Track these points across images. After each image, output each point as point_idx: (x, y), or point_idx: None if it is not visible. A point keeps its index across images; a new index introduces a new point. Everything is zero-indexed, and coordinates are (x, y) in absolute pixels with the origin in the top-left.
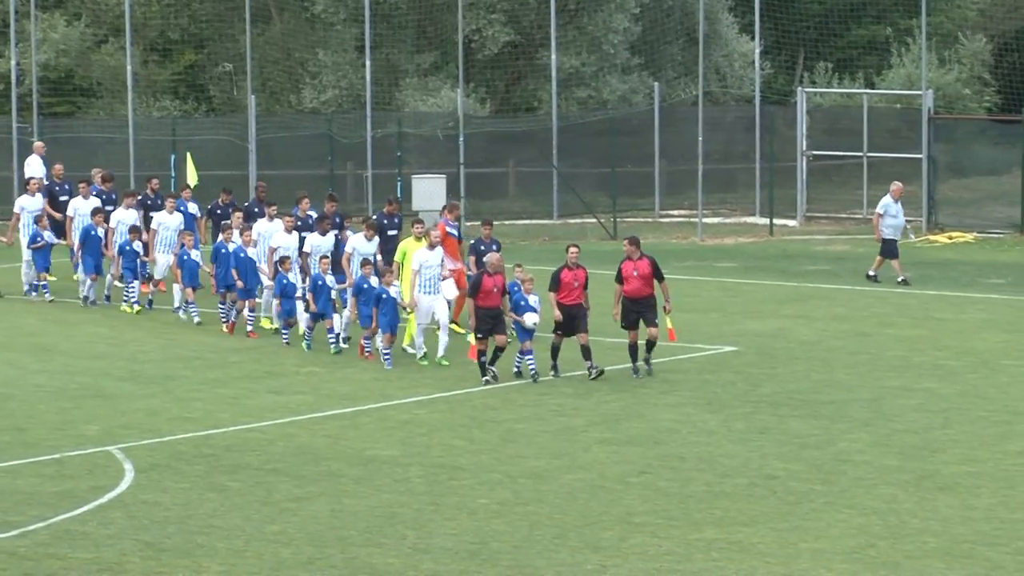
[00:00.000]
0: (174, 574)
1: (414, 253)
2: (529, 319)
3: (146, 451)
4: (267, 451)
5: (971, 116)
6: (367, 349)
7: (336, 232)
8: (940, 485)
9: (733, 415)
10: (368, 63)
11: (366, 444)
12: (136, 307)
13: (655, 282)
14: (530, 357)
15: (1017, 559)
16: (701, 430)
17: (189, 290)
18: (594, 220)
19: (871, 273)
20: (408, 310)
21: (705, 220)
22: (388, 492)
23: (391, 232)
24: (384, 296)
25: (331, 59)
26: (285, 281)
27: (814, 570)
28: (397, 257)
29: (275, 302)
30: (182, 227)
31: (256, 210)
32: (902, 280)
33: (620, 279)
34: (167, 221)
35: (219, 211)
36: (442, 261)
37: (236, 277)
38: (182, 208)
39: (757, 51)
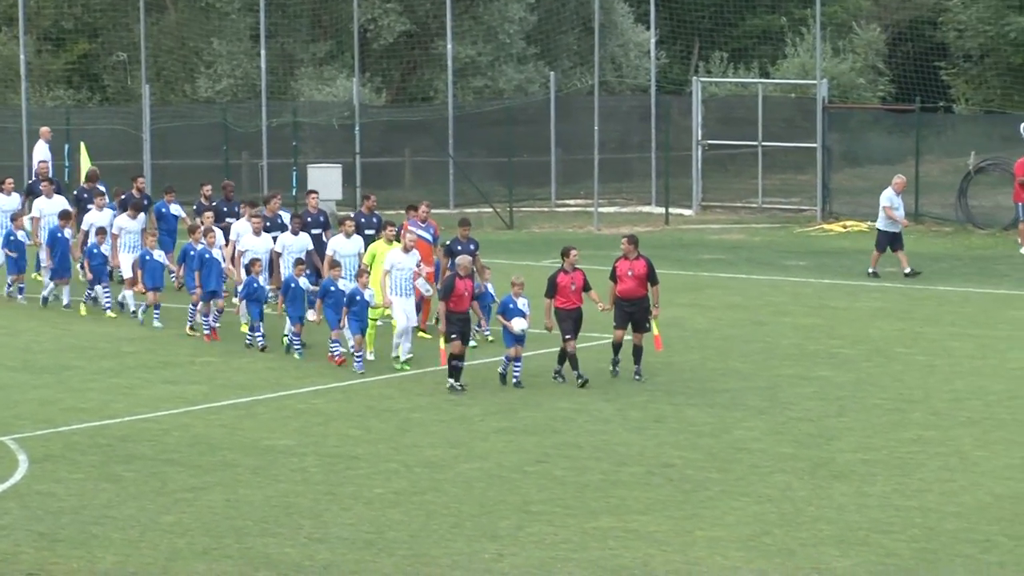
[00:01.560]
0: (68, 565)
1: (387, 254)
2: (517, 324)
3: (40, 442)
4: (162, 441)
5: (865, 105)
6: (335, 355)
7: (321, 231)
8: (835, 473)
9: (629, 404)
10: (263, 52)
11: (262, 434)
12: (110, 312)
13: (648, 284)
14: (518, 364)
15: (912, 546)
16: (597, 419)
17: (152, 294)
18: (490, 210)
19: (906, 271)
20: (385, 309)
21: (601, 209)
22: (284, 482)
23: (368, 231)
24: (358, 298)
25: (226, 48)
26: (256, 284)
27: (710, 558)
28: (366, 259)
29: (241, 304)
30: (144, 228)
31: (224, 209)
32: (872, 272)
33: (614, 277)
34: (128, 225)
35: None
36: (417, 264)
37: (196, 280)
38: (164, 209)
39: (652, 41)
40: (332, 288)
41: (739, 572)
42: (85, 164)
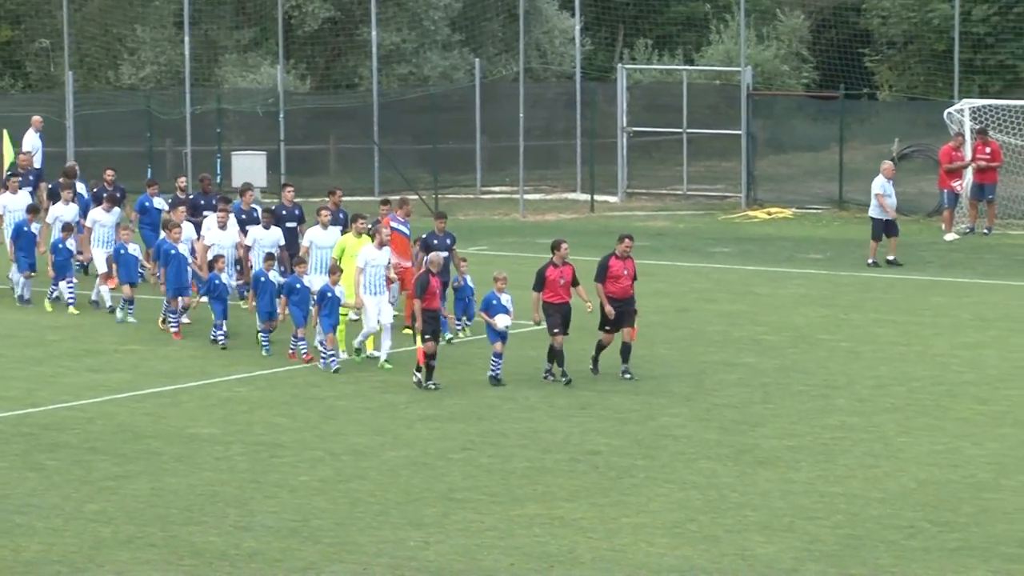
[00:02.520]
0: None
1: (360, 250)
2: (501, 321)
3: None
4: (86, 429)
5: (789, 92)
6: (303, 352)
7: (296, 225)
8: (760, 459)
9: (554, 391)
10: (187, 39)
11: (187, 422)
12: (72, 307)
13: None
14: (498, 361)
15: (836, 532)
16: (523, 406)
17: (127, 287)
18: (416, 197)
19: (889, 258)
20: (355, 310)
21: (527, 196)
22: (209, 470)
23: (289, 224)
24: (328, 295)
25: (149, 35)
26: (217, 281)
27: (635, 545)
28: (334, 253)
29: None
30: (118, 222)
31: (202, 202)
32: (872, 263)
33: (603, 277)
34: (102, 218)
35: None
36: (389, 261)
37: (162, 279)
38: (148, 203)
39: (577, 28)
40: (298, 285)
41: (664, 559)
42: (8, 152)
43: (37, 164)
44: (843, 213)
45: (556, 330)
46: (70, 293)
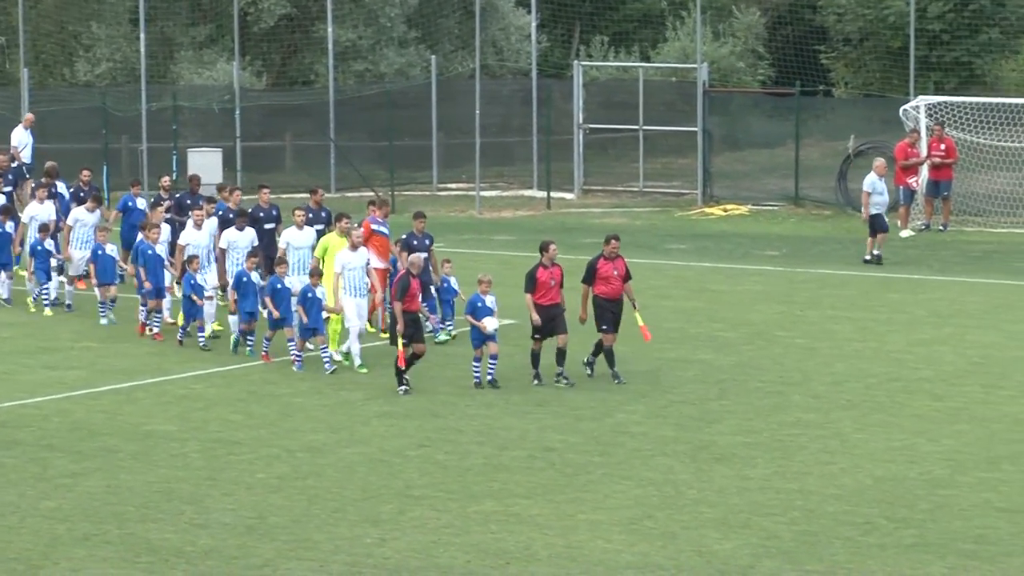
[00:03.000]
0: None
1: (336, 254)
2: (489, 324)
3: None
4: (42, 427)
5: (745, 89)
6: (264, 348)
7: (274, 226)
8: (716, 456)
9: (511, 388)
10: (143, 36)
11: (143, 419)
12: (49, 309)
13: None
14: (477, 365)
15: (792, 528)
16: (479, 403)
17: (112, 288)
18: (372, 193)
19: (876, 253)
20: (333, 312)
21: (483, 193)
22: (165, 467)
23: (317, 227)
24: (309, 295)
25: (105, 32)
26: (193, 281)
27: (592, 541)
28: (317, 253)
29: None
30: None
31: (188, 202)
32: (869, 258)
33: (592, 279)
34: (84, 218)
35: (162, 203)
36: (367, 263)
37: (143, 277)
38: (131, 203)
39: (534, 24)
40: (279, 286)
41: (621, 555)
42: None
43: (27, 160)
44: (799, 210)
45: (538, 335)
46: (45, 293)
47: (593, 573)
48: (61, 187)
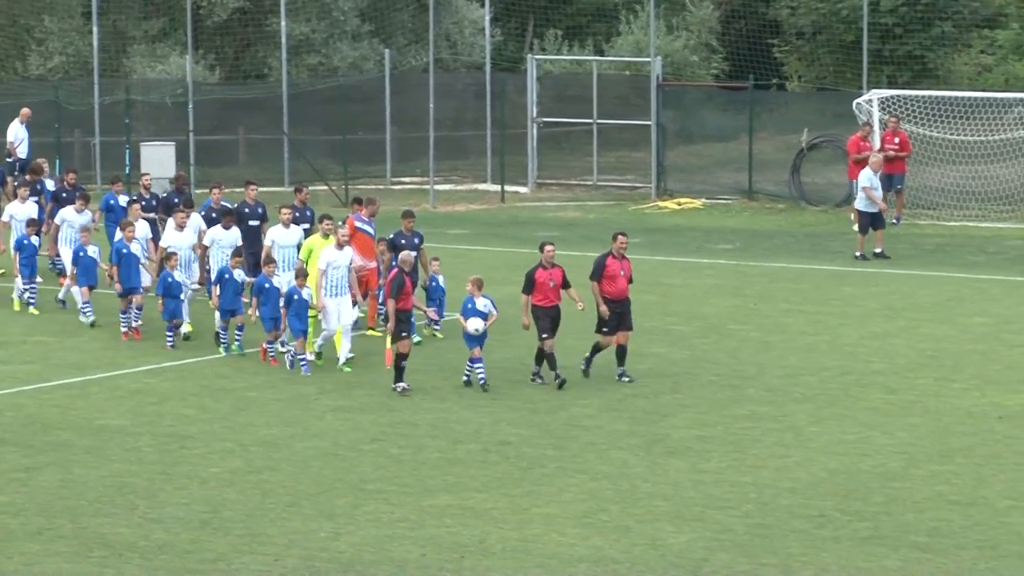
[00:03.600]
0: None
1: (321, 252)
2: (471, 324)
3: None
4: None
5: (699, 83)
6: (270, 353)
7: (259, 224)
8: (670, 449)
9: (459, 381)
10: (96, 29)
11: (96, 414)
12: (34, 308)
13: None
14: (479, 365)
15: (746, 522)
16: (434, 397)
17: (85, 289)
18: (325, 187)
19: (876, 251)
20: (317, 312)
21: (437, 187)
22: (118, 462)
23: (303, 225)
24: (296, 297)
25: (58, 25)
26: (170, 279)
27: (546, 535)
28: (302, 255)
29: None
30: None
31: (175, 201)
32: (879, 252)
33: (599, 277)
34: (72, 217)
35: (143, 202)
36: (351, 262)
37: (115, 276)
38: (113, 201)
39: (487, 18)
40: (267, 285)
41: (575, 549)
42: None
43: (23, 155)
44: (753, 203)
45: (545, 335)
46: (31, 293)
47: (547, 566)
48: (50, 184)
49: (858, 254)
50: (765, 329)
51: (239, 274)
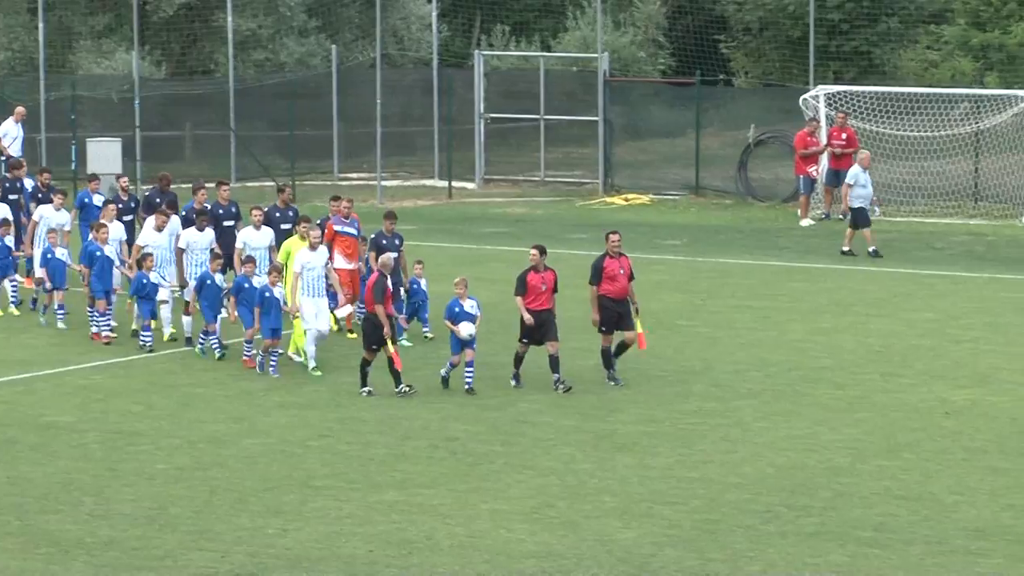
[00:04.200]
0: None
1: (296, 254)
2: (464, 329)
3: None
4: None
5: (646, 79)
6: (247, 354)
7: (234, 224)
8: (618, 445)
9: (413, 378)
10: (41, 25)
11: (42, 410)
12: (14, 307)
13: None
14: (470, 369)
15: (693, 517)
16: (382, 392)
17: (60, 293)
18: (272, 183)
19: (845, 249)
20: (292, 315)
21: (384, 183)
22: (65, 458)
23: (284, 226)
24: (267, 295)
25: (3, 21)
26: (145, 281)
27: (493, 531)
28: (280, 257)
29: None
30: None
31: (158, 200)
32: (873, 251)
33: (598, 279)
34: (50, 215)
35: (120, 204)
36: (327, 264)
37: (85, 277)
38: (87, 200)
39: (434, 14)
40: (246, 285)
41: (523, 545)
42: None
43: (16, 153)
44: (700, 199)
45: (525, 339)
46: (13, 291)
47: (495, 562)
48: (28, 183)
49: (845, 249)
50: (713, 325)
51: (219, 278)
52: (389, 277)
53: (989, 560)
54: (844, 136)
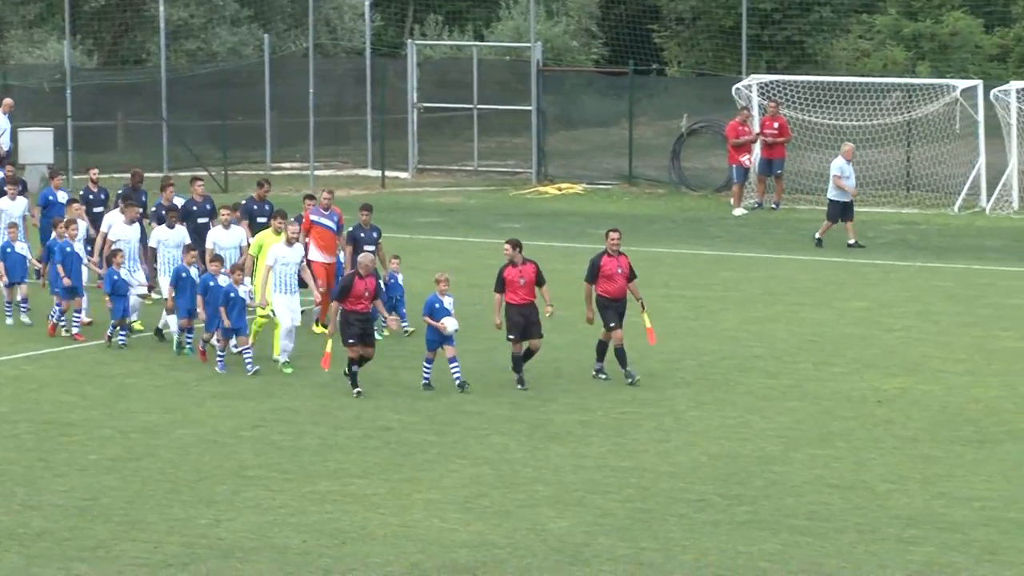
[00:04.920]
0: None
1: (270, 248)
2: (450, 324)
3: None
4: None
5: (579, 68)
6: (211, 350)
7: (208, 220)
8: (551, 434)
9: (390, 372)
10: None
11: None
12: None
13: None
14: (455, 364)
15: (627, 506)
16: (315, 383)
17: (22, 287)
18: (205, 173)
19: (850, 242)
20: (260, 310)
21: (317, 172)
22: None
23: (260, 220)
24: (232, 295)
25: None
26: (116, 277)
27: (427, 520)
28: (252, 251)
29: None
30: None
31: (130, 197)
32: (852, 244)
33: (595, 278)
34: (9, 208)
35: (91, 196)
36: (301, 260)
37: (62, 274)
38: (51, 196)
39: (367, 3)
40: (211, 283)
41: (456, 534)
42: None
43: (6, 145)
44: (633, 188)
45: (513, 336)
46: None
47: (429, 552)
48: None
49: (818, 235)
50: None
51: (194, 272)
52: (367, 277)
53: (921, 548)
54: (776, 125)
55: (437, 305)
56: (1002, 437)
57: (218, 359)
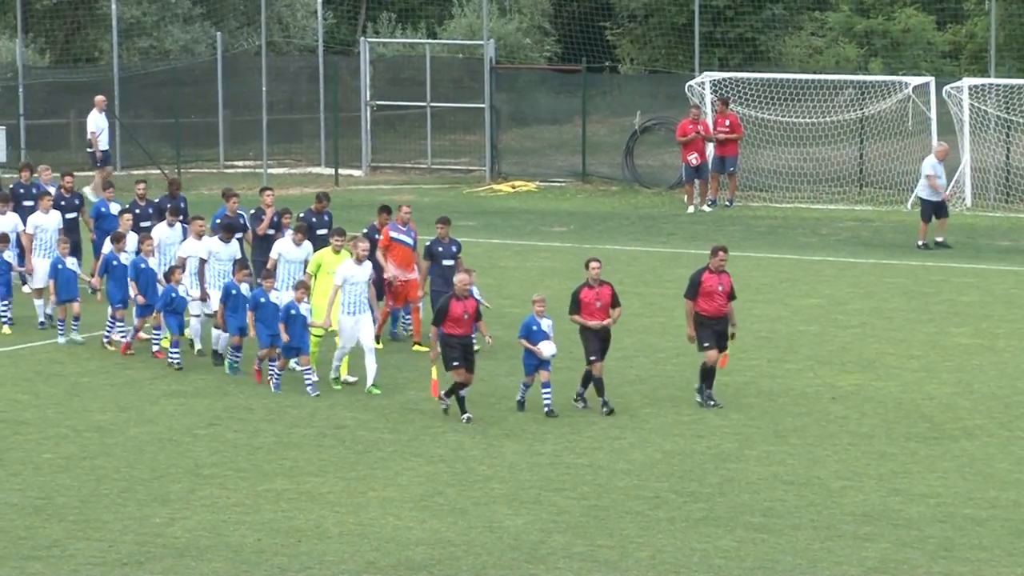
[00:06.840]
0: None
1: (339, 267)
2: (547, 349)
3: None
4: None
5: (532, 66)
6: (262, 368)
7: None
8: (506, 432)
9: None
10: None
11: None
12: (7, 327)
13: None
14: (547, 389)
15: (582, 503)
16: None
17: (75, 305)
18: (158, 171)
19: (938, 239)
20: (323, 329)
21: (271, 171)
22: None
23: (320, 232)
24: (293, 312)
25: None
26: (174, 294)
27: (383, 518)
28: (310, 268)
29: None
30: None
31: (169, 206)
32: (922, 245)
33: (694, 294)
34: (43, 222)
35: (138, 210)
36: (369, 280)
37: (135, 292)
38: (104, 208)
39: (320, 1)
40: (263, 300)
41: (412, 532)
42: None
43: (103, 145)
44: (587, 186)
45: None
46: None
47: (384, 550)
48: None
49: (920, 243)
50: None
51: (245, 288)
52: (463, 300)
53: (876, 545)
54: (727, 123)
55: (534, 328)
56: (957, 433)
57: (274, 377)
